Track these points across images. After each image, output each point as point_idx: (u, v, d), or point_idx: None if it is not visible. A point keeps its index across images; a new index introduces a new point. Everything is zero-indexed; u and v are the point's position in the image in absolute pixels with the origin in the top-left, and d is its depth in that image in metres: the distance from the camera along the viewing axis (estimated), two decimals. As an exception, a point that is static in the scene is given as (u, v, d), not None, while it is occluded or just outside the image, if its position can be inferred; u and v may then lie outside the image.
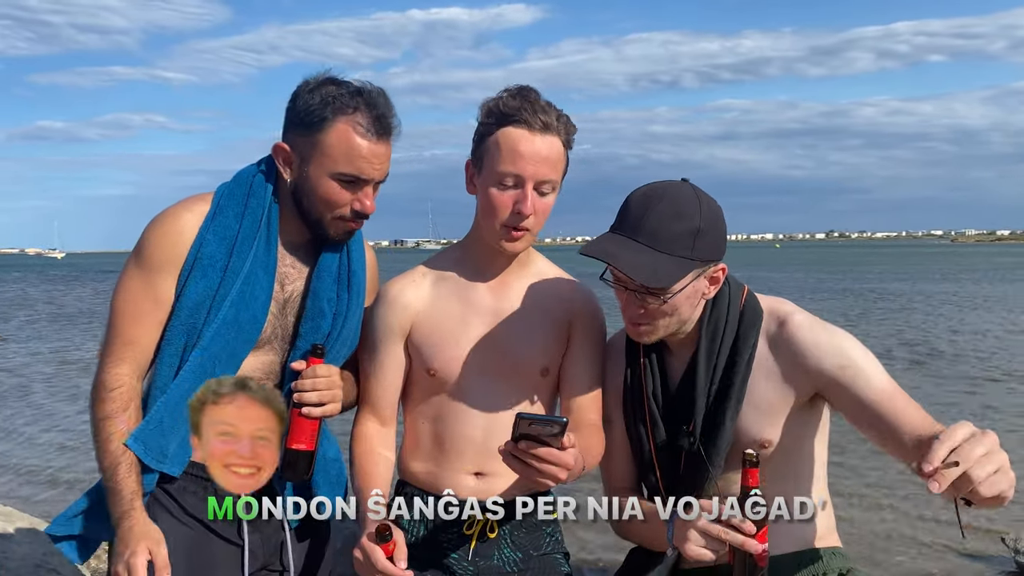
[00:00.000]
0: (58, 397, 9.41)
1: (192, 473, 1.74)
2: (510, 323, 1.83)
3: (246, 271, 1.71)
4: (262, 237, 1.74)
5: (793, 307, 1.74)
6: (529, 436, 1.39)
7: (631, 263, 1.59)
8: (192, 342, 1.70)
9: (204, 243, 1.71)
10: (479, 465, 1.83)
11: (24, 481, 6.23)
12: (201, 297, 1.69)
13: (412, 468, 1.89)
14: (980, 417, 7.70)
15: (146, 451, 1.65)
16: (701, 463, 1.69)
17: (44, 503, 5.52)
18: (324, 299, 1.79)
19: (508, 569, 1.83)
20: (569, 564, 1.92)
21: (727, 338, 1.71)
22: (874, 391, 1.59)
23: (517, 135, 1.70)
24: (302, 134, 1.70)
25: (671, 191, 1.64)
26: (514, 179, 1.71)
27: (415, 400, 1.88)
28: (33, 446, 7.24)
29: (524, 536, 1.87)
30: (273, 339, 1.78)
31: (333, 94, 1.68)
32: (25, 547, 3.27)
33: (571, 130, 1.77)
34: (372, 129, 1.68)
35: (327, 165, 1.69)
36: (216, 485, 1.74)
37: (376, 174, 1.72)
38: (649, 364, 1.78)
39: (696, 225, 1.61)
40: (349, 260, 1.83)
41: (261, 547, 1.80)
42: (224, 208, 1.74)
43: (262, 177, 1.77)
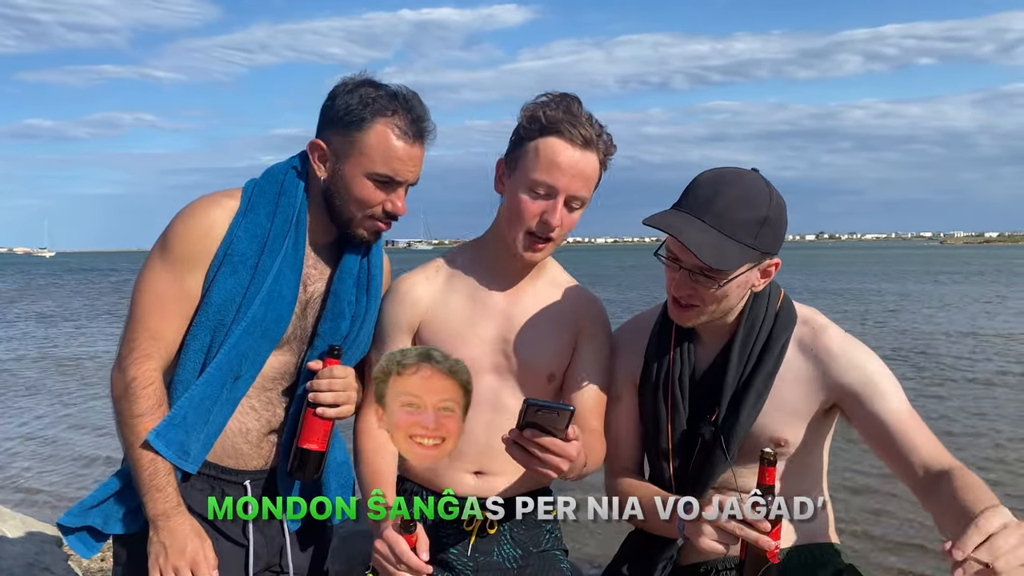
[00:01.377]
0: (44, 393, 9.38)
1: (201, 471, 1.73)
2: (518, 328, 1.83)
3: (276, 270, 1.70)
4: (292, 237, 1.73)
5: (827, 320, 1.77)
6: (535, 424, 1.39)
7: (697, 240, 1.57)
8: (219, 339, 1.68)
9: (235, 240, 1.69)
10: (479, 464, 1.83)
11: (16, 481, 6.20)
12: (231, 294, 1.68)
13: (411, 467, 1.89)
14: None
15: (167, 447, 1.63)
16: (719, 451, 1.70)
17: (37, 504, 5.50)
18: (344, 301, 1.79)
19: (508, 566, 1.83)
20: (568, 561, 1.93)
21: (762, 334, 1.73)
22: (890, 411, 1.62)
23: (557, 146, 1.70)
24: (340, 132, 1.70)
25: (744, 178, 1.64)
26: (547, 189, 1.71)
27: None
28: (25, 444, 7.21)
29: (524, 533, 1.87)
30: (292, 339, 1.77)
31: (372, 96, 1.68)
32: (18, 546, 3.26)
33: (610, 150, 1.77)
34: (409, 132, 1.69)
35: (364, 164, 1.69)
36: (220, 484, 1.75)
37: (410, 176, 1.73)
38: (679, 351, 1.79)
39: (764, 214, 1.61)
40: (369, 264, 1.83)
41: (265, 548, 1.80)
42: (256, 205, 1.73)
43: (293, 175, 1.76)
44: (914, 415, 1.63)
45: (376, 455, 1.79)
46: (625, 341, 1.90)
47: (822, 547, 1.76)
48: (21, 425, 7.95)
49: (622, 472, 1.85)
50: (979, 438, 7.04)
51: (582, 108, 1.74)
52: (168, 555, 1.61)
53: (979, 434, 7.18)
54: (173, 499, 1.64)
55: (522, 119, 1.75)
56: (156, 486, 1.62)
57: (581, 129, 1.70)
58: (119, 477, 1.71)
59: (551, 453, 1.40)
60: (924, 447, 1.57)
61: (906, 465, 1.57)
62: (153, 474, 1.62)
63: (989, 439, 6.98)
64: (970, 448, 6.60)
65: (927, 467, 1.54)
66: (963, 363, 11.08)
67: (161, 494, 1.62)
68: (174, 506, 1.64)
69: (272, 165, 1.81)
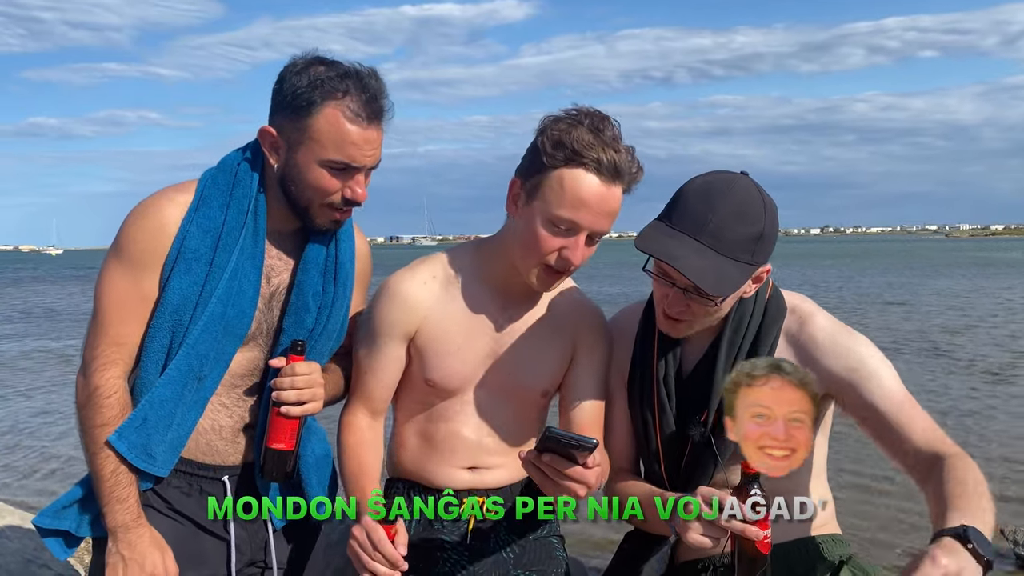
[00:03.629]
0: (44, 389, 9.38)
1: (178, 468, 1.69)
2: (515, 344, 1.77)
3: (232, 266, 1.63)
4: (249, 229, 1.66)
5: (815, 307, 1.72)
6: (555, 450, 1.36)
7: (694, 268, 1.51)
8: (178, 340, 1.63)
9: (187, 236, 1.62)
10: (474, 461, 1.80)
11: (15, 475, 6.20)
12: (186, 294, 1.62)
13: (403, 464, 1.85)
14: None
15: (129, 448, 1.59)
16: (709, 454, 1.66)
17: (35, 497, 5.49)
18: (309, 293, 1.72)
19: (505, 555, 1.81)
20: (564, 548, 1.90)
21: (750, 331, 1.67)
22: (883, 397, 1.57)
23: (586, 181, 1.56)
24: (289, 118, 1.61)
25: (736, 188, 1.56)
26: (569, 225, 1.60)
27: (409, 401, 1.84)
28: (29, 439, 7.21)
29: (521, 520, 1.82)
30: (258, 334, 1.72)
31: (321, 76, 1.58)
32: (16, 542, 3.23)
33: (637, 177, 1.63)
34: (363, 113, 1.59)
35: (316, 152, 1.59)
36: (198, 480, 1.72)
37: (367, 160, 1.63)
38: (663, 350, 1.74)
39: (760, 230, 1.55)
40: (337, 251, 1.76)
41: (248, 543, 1.76)
42: (208, 198, 1.65)
43: (247, 165, 1.68)
44: (909, 398, 1.57)
45: (360, 449, 1.76)
46: (614, 339, 1.85)
47: (822, 539, 1.72)
48: (20, 416, 7.96)
49: (618, 472, 1.81)
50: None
51: (613, 129, 1.60)
52: (127, 568, 1.58)
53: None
54: (134, 511, 1.60)
55: (546, 142, 1.59)
56: (117, 497, 1.59)
57: (614, 158, 1.56)
58: (87, 481, 1.67)
59: (571, 480, 1.37)
60: (920, 432, 1.52)
61: (901, 450, 1.53)
62: (114, 485, 1.59)
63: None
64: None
65: (923, 452, 1.49)
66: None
67: (121, 505, 1.59)
68: (134, 518, 1.60)
69: (228, 154, 1.73)
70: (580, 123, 1.58)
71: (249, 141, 1.73)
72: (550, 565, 1.83)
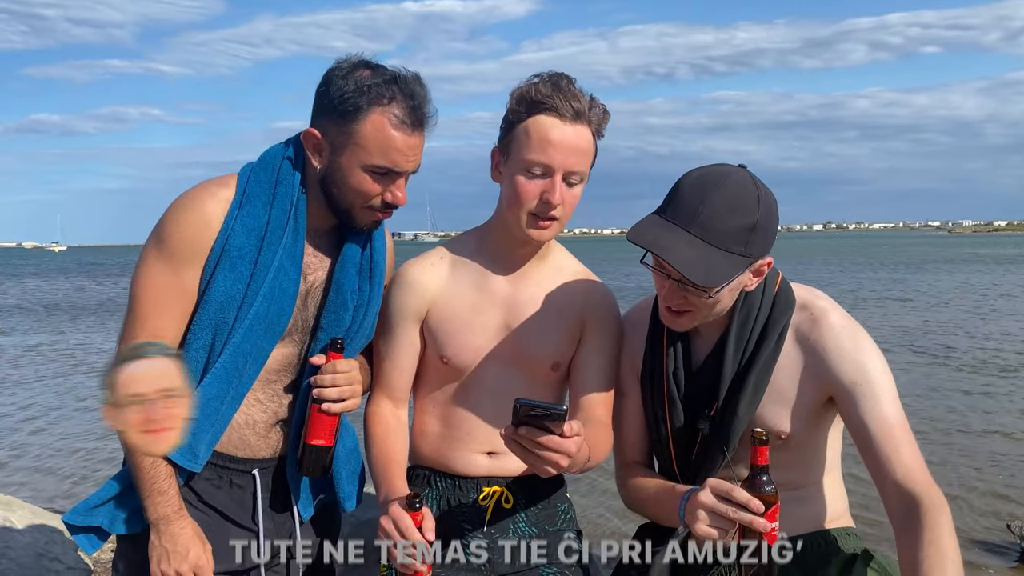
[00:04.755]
0: (50, 386, 9.40)
1: (210, 461, 1.70)
2: (524, 316, 1.81)
3: (276, 264, 1.64)
4: (291, 228, 1.66)
5: (829, 303, 1.69)
6: (529, 423, 1.37)
7: (683, 259, 1.51)
8: (222, 338, 1.63)
9: (232, 234, 1.62)
10: (491, 445, 1.82)
11: (28, 470, 6.22)
12: (231, 292, 1.62)
13: (423, 451, 1.88)
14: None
15: (178, 451, 1.58)
16: (717, 447, 1.66)
17: (46, 492, 5.51)
18: (347, 291, 1.73)
19: (524, 546, 1.82)
20: (581, 543, 1.91)
21: (757, 325, 1.66)
22: (876, 419, 1.54)
23: (548, 123, 1.66)
24: (335, 122, 1.61)
25: (730, 180, 1.55)
26: (543, 168, 1.67)
27: (427, 386, 1.87)
28: (36, 435, 7.23)
29: (539, 511, 1.86)
30: (295, 331, 1.72)
31: (368, 82, 1.59)
32: (28, 536, 3.25)
33: (604, 119, 1.72)
34: (408, 121, 1.60)
35: (360, 156, 1.61)
36: (228, 473, 1.73)
37: (410, 166, 1.65)
38: (673, 345, 1.74)
39: (753, 221, 1.54)
40: (372, 251, 1.77)
41: (274, 534, 1.78)
42: (252, 196, 1.65)
43: (289, 164, 1.68)
44: (903, 426, 1.54)
45: (387, 439, 1.79)
46: (626, 333, 1.86)
47: (836, 532, 1.72)
48: (28, 414, 7.98)
49: (631, 465, 1.82)
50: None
51: (572, 83, 1.69)
52: (171, 560, 1.60)
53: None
54: (175, 502, 1.62)
55: (511, 103, 1.71)
56: (158, 489, 1.60)
57: (572, 103, 1.66)
58: (122, 477, 1.69)
59: (549, 450, 1.38)
60: (903, 467, 1.49)
61: (881, 477, 1.51)
62: (155, 477, 1.60)
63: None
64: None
65: (903, 491, 1.47)
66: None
67: (163, 497, 1.60)
68: (176, 510, 1.62)
69: (267, 150, 1.73)
70: (538, 79, 1.70)
71: (290, 137, 1.73)
72: (568, 557, 1.84)
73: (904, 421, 1.56)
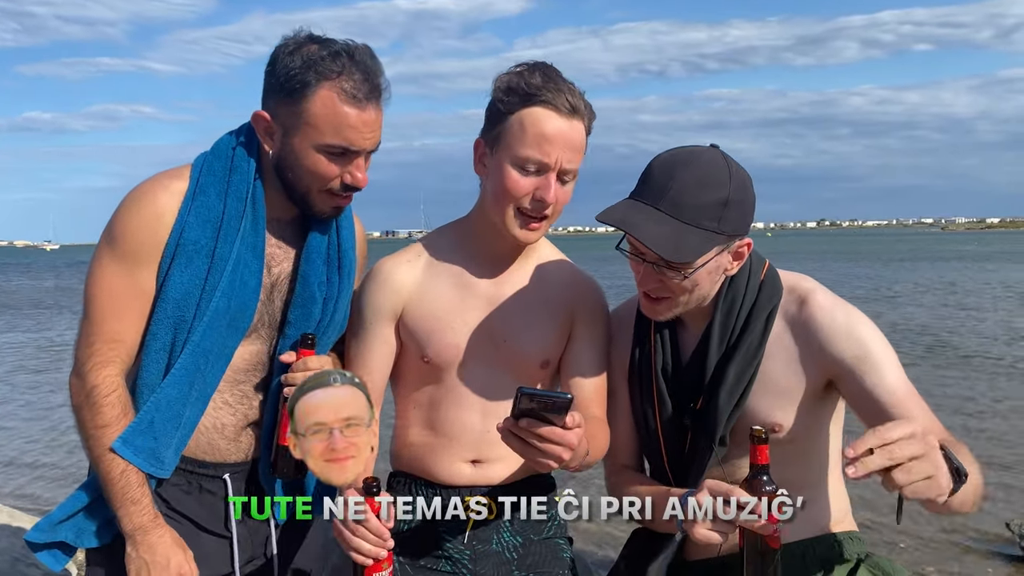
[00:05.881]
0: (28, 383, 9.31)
1: (178, 467, 1.62)
2: (509, 313, 1.73)
3: (235, 257, 1.56)
4: (248, 217, 1.58)
5: (815, 285, 1.65)
6: (531, 413, 1.29)
7: (651, 234, 1.47)
8: (182, 337, 1.55)
9: (186, 227, 1.54)
10: (476, 452, 1.74)
11: (5, 473, 6.13)
12: (188, 288, 1.54)
13: (405, 457, 1.80)
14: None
15: (136, 454, 1.51)
16: (704, 442, 1.61)
17: (24, 496, 5.43)
18: (315, 283, 1.65)
19: (508, 556, 1.75)
20: (572, 549, 1.84)
21: (742, 314, 1.61)
22: (886, 388, 1.50)
23: (544, 116, 1.58)
24: (283, 101, 1.53)
25: (698, 157, 1.53)
26: (537, 165, 1.59)
27: (408, 387, 1.79)
28: (11, 437, 7.14)
29: (525, 521, 1.77)
30: (261, 326, 1.64)
31: (315, 56, 1.51)
32: (3, 541, 3.18)
33: (593, 115, 1.66)
34: (359, 94, 1.52)
35: (312, 136, 1.53)
36: (198, 479, 1.66)
37: (367, 144, 1.56)
38: (660, 339, 1.69)
39: (724, 196, 1.49)
40: (339, 239, 1.69)
41: (248, 539, 1.71)
42: (205, 186, 1.57)
43: (243, 150, 1.60)
44: (912, 391, 1.51)
45: None
46: (614, 334, 1.80)
47: (841, 537, 1.66)
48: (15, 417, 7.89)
49: (621, 470, 1.76)
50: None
51: (560, 74, 1.62)
52: (151, 572, 1.51)
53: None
54: (150, 511, 1.53)
55: (498, 92, 1.62)
56: (131, 499, 1.51)
57: (567, 96, 1.59)
58: (88, 488, 1.59)
59: (550, 443, 1.29)
60: (925, 430, 1.45)
61: None
62: (126, 487, 1.51)
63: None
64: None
65: None
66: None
67: (136, 507, 1.52)
68: (152, 519, 1.53)
69: (221, 137, 1.65)
70: (529, 69, 1.62)
71: (242, 124, 1.65)
72: (555, 567, 1.77)
73: (913, 388, 1.52)
